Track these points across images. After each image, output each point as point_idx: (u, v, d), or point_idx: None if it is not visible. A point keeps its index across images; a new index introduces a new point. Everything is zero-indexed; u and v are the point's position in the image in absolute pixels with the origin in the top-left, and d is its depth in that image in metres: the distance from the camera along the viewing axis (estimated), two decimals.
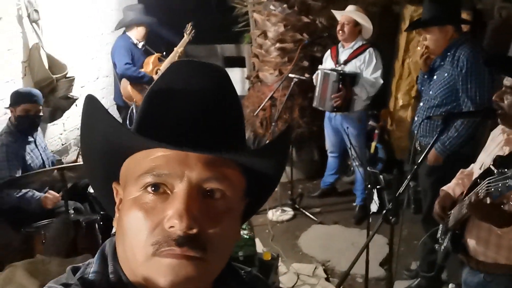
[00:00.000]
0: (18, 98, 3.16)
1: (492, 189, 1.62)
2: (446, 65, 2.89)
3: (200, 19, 6.03)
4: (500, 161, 1.60)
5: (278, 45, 4.67)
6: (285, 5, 4.57)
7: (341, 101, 3.94)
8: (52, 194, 3.11)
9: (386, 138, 4.98)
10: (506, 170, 1.56)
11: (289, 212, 4.38)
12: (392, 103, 5.10)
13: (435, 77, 2.99)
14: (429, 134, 2.99)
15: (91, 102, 0.63)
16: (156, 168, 0.62)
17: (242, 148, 0.69)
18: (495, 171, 1.64)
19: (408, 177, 2.09)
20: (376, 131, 4.81)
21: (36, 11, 3.69)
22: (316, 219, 4.28)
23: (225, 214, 0.64)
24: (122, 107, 4.91)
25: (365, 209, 4.19)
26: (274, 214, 4.33)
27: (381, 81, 3.97)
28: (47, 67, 3.71)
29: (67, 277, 0.68)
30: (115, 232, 0.70)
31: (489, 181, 1.66)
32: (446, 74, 2.88)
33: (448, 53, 2.88)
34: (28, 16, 3.66)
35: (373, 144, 4.77)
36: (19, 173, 3.06)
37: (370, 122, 4.85)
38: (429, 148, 2.07)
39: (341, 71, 3.96)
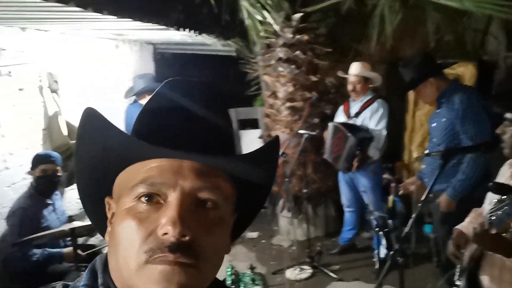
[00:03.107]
0: (36, 160, 3.29)
1: (494, 217, 1.59)
2: (442, 111, 2.96)
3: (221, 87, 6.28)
4: (497, 188, 1.58)
5: (288, 104, 4.78)
6: (293, 66, 4.73)
7: (358, 165, 3.97)
8: (71, 250, 3.16)
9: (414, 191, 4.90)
10: (504, 197, 1.55)
11: (308, 271, 4.26)
12: (407, 156, 5.08)
13: (434, 124, 3.04)
14: (439, 179, 2.96)
15: (91, 114, 0.65)
16: (150, 177, 0.64)
17: (231, 158, 0.72)
18: (495, 200, 1.62)
19: (413, 215, 2.06)
20: (393, 185, 4.75)
21: (56, 81, 3.93)
22: (335, 276, 4.15)
23: (216, 223, 0.66)
24: None
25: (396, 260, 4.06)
26: (292, 273, 4.22)
27: (385, 133, 4.01)
28: (65, 133, 3.88)
29: None
30: None
31: (491, 211, 1.64)
32: (443, 119, 2.93)
33: (442, 100, 2.96)
34: (49, 86, 3.89)
35: (391, 198, 4.69)
36: None
37: (386, 176, 4.82)
38: (432, 185, 2.06)
39: (361, 136, 3.99)
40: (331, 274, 4.16)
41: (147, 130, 0.69)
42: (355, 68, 4.17)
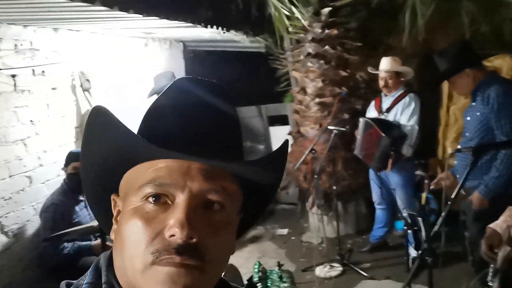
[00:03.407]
0: (69, 157, 3.38)
1: None
2: (477, 104, 2.84)
3: (248, 84, 6.29)
4: None
5: (317, 100, 4.73)
6: (322, 61, 4.67)
7: (392, 164, 3.89)
8: (99, 242, 3.23)
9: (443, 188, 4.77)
10: None
11: (338, 268, 4.21)
12: (441, 152, 4.93)
13: (468, 118, 2.93)
14: (472, 176, 2.86)
15: (101, 112, 0.64)
16: (158, 178, 0.63)
17: (240, 161, 0.71)
18: None
19: (443, 214, 1.99)
20: (426, 181, 4.63)
21: (88, 80, 4.01)
22: (366, 274, 4.08)
23: (223, 225, 0.66)
24: None
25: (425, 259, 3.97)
26: (321, 271, 4.18)
27: (417, 128, 3.91)
28: None
29: None
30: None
31: None
32: (478, 113, 2.82)
33: (477, 93, 2.85)
34: (81, 85, 3.98)
35: (423, 195, 4.57)
36: None
37: (419, 172, 4.71)
38: (462, 182, 1.99)
39: (395, 136, 3.90)
40: (362, 272, 4.10)
41: (154, 131, 0.68)
42: (386, 63, 4.08)
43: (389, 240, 4.63)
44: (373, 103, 4.32)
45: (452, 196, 2.02)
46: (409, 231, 2.55)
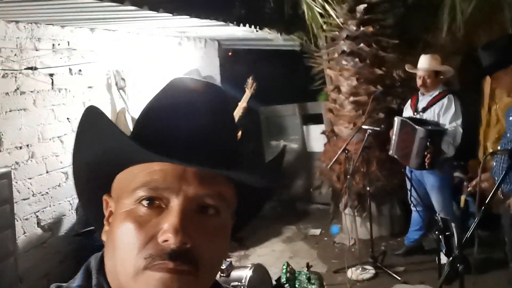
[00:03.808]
0: None
1: None
2: None
3: (283, 82, 6.25)
4: None
5: (351, 98, 4.65)
6: (357, 59, 4.58)
7: (431, 160, 3.76)
8: None
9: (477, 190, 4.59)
10: None
11: (370, 271, 4.13)
12: (481, 153, 4.74)
13: (510, 118, 2.79)
14: (509, 179, 2.72)
15: (95, 112, 0.64)
16: (153, 182, 0.62)
17: (237, 166, 0.69)
18: None
19: (475, 220, 1.90)
20: (465, 183, 4.47)
21: (123, 79, 4.09)
22: (399, 278, 3.97)
23: (217, 230, 0.64)
24: None
25: (455, 267, 3.83)
26: (354, 273, 4.11)
27: (461, 130, 3.76)
28: (131, 129, 4.04)
29: None
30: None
31: None
32: None
33: None
34: (116, 84, 4.07)
35: (463, 197, 4.41)
36: None
37: (458, 174, 4.55)
38: (498, 186, 1.89)
39: (429, 128, 3.79)
40: (395, 275, 4.00)
41: (148, 134, 0.66)
42: (424, 62, 3.94)
43: (425, 243, 4.49)
44: (409, 102, 4.20)
45: (487, 201, 1.92)
46: (441, 237, 2.45)
